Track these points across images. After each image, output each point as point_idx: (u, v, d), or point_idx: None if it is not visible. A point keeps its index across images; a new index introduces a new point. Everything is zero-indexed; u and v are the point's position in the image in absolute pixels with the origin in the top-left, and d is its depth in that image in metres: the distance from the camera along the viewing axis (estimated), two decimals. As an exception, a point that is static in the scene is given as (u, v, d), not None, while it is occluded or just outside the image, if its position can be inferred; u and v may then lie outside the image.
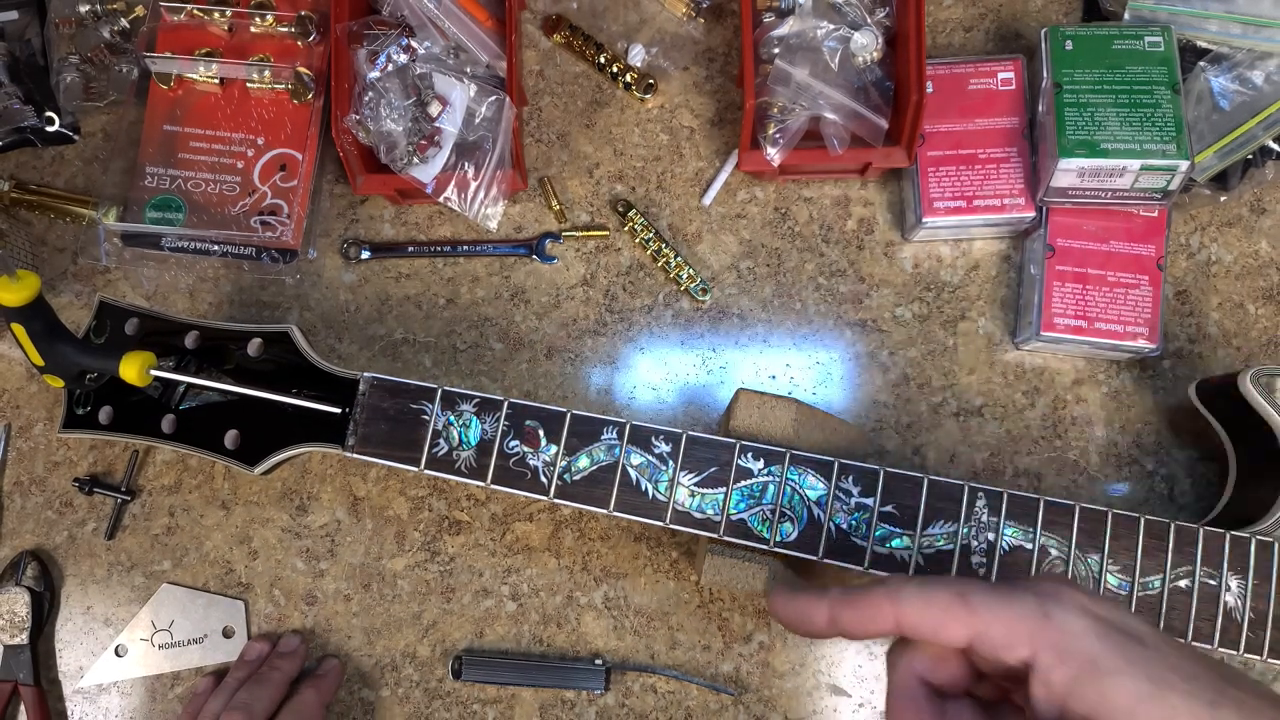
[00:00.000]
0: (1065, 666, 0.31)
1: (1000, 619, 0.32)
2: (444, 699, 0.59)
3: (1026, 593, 0.33)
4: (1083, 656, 0.31)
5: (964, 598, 0.33)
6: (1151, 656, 0.31)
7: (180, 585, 0.61)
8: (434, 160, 0.60)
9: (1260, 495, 0.50)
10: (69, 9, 0.65)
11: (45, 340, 0.49)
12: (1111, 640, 0.31)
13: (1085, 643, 0.31)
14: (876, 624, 0.35)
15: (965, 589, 0.33)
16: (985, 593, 0.33)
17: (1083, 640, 0.31)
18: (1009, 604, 0.32)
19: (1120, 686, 0.30)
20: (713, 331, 0.61)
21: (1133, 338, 0.56)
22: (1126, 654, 0.31)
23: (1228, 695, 0.31)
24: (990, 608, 0.32)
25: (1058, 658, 0.31)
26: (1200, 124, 0.57)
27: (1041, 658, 0.31)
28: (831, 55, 0.57)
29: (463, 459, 0.50)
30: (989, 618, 0.32)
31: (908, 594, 0.34)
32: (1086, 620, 0.32)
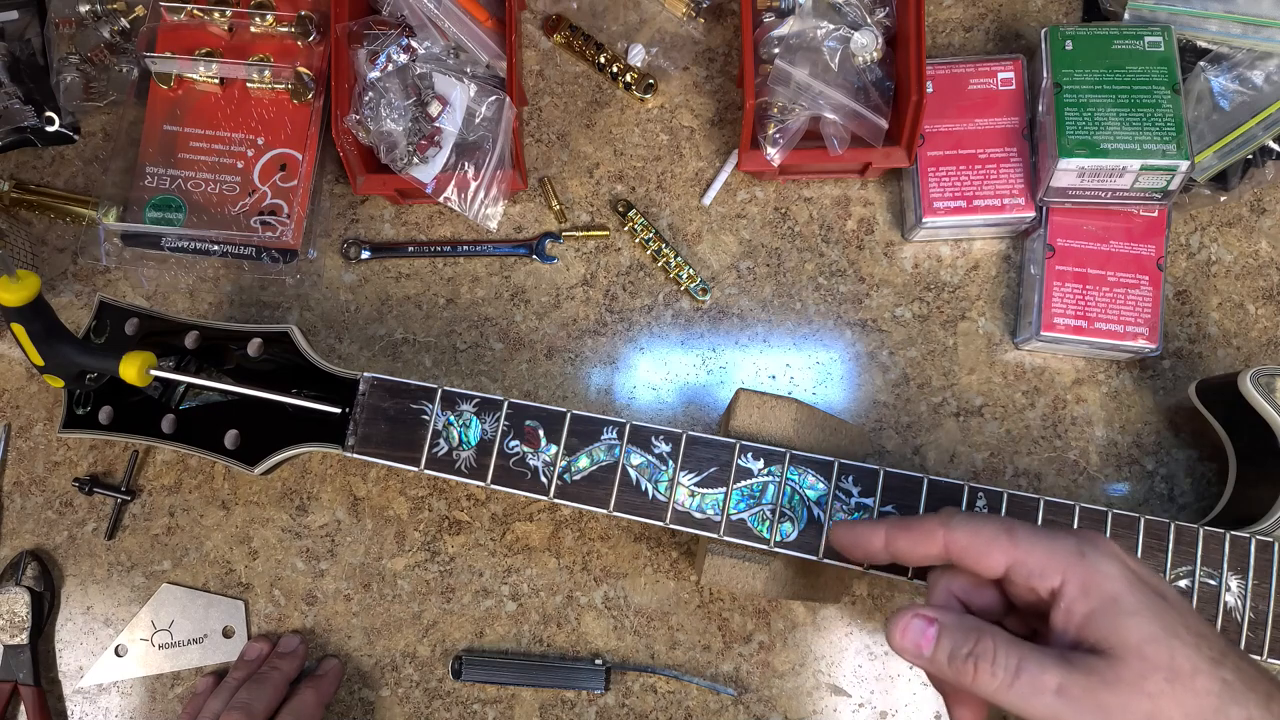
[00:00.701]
0: (1088, 599, 0.34)
1: (1039, 551, 0.35)
2: (444, 699, 0.59)
3: (1068, 535, 0.36)
4: (1107, 595, 0.34)
5: (1010, 531, 0.36)
6: (1170, 610, 0.34)
7: (180, 585, 0.61)
8: (434, 160, 0.60)
9: (1260, 495, 0.50)
10: (69, 9, 0.65)
11: (45, 340, 0.49)
12: (1137, 588, 0.34)
13: (1111, 584, 0.34)
14: (927, 547, 0.38)
15: (1012, 524, 0.36)
16: (1030, 529, 0.36)
17: (1110, 582, 0.34)
18: (1050, 541, 0.35)
19: (1134, 625, 0.33)
20: (713, 331, 0.61)
21: (1133, 338, 0.56)
22: (1147, 602, 0.34)
23: (1231, 659, 0.33)
24: (1032, 541, 0.35)
25: (1083, 591, 0.34)
26: (1200, 124, 0.57)
27: (1069, 588, 0.35)
28: (831, 55, 0.57)
29: (463, 459, 0.50)
30: (1029, 549, 0.35)
31: (958, 522, 0.37)
32: (1118, 567, 0.35)
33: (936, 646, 0.36)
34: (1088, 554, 0.35)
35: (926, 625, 0.36)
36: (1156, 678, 0.33)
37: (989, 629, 0.36)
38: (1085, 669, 0.33)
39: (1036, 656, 0.34)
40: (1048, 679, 0.33)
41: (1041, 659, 0.34)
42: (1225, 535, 0.48)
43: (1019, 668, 0.34)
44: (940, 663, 0.36)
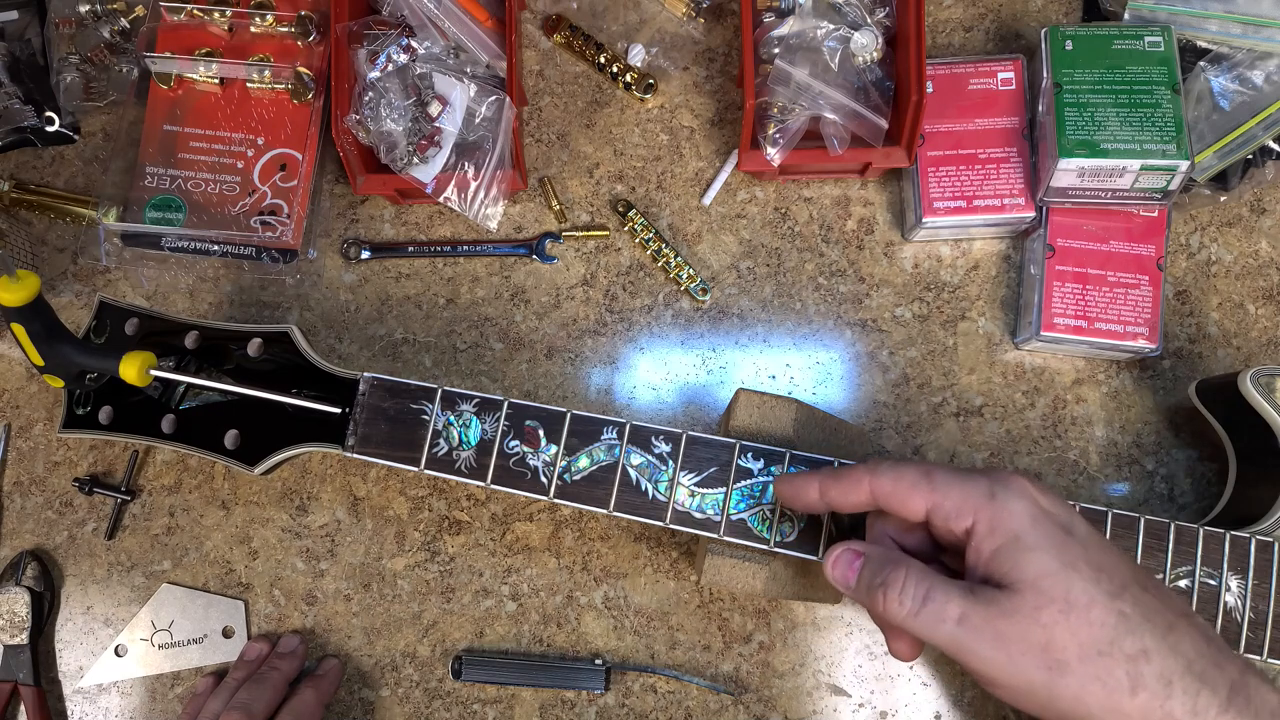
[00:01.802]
0: (994, 537, 0.36)
1: (954, 494, 0.37)
2: (444, 699, 0.59)
3: (982, 477, 0.38)
4: (1010, 531, 0.36)
5: (929, 476, 0.38)
6: (1071, 544, 0.36)
7: (180, 585, 0.61)
8: (434, 160, 0.60)
9: (1260, 495, 0.50)
10: (69, 9, 0.65)
11: (45, 340, 0.49)
12: (1040, 524, 0.36)
13: (1016, 521, 0.36)
14: (856, 495, 0.40)
15: (931, 469, 0.39)
16: (948, 473, 0.38)
17: (1015, 519, 0.36)
18: (964, 484, 0.38)
19: (1033, 560, 0.35)
20: (713, 331, 0.61)
21: (1133, 338, 0.56)
22: (1049, 537, 0.36)
23: (1131, 592, 0.35)
24: (948, 484, 0.38)
25: (990, 529, 0.36)
26: (1200, 124, 0.57)
27: (979, 527, 0.37)
28: (831, 55, 0.57)
29: (463, 459, 0.50)
30: (945, 492, 0.38)
31: (883, 470, 0.39)
32: (1025, 503, 0.37)
33: (859, 576, 0.40)
34: (998, 494, 0.37)
35: (854, 558, 0.40)
36: (1051, 609, 0.35)
37: (906, 562, 0.38)
38: (986, 600, 0.36)
39: (943, 587, 0.37)
40: (950, 609, 0.36)
41: (947, 590, 0.36)
42: (1225, 535, 0.48)
43: (926, 597, 0.37)
44: (860, 591, 0.39)
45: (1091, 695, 0.34)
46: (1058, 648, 0.34)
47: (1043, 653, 0.35)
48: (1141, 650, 0.34)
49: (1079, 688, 0.34)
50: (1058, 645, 0.34)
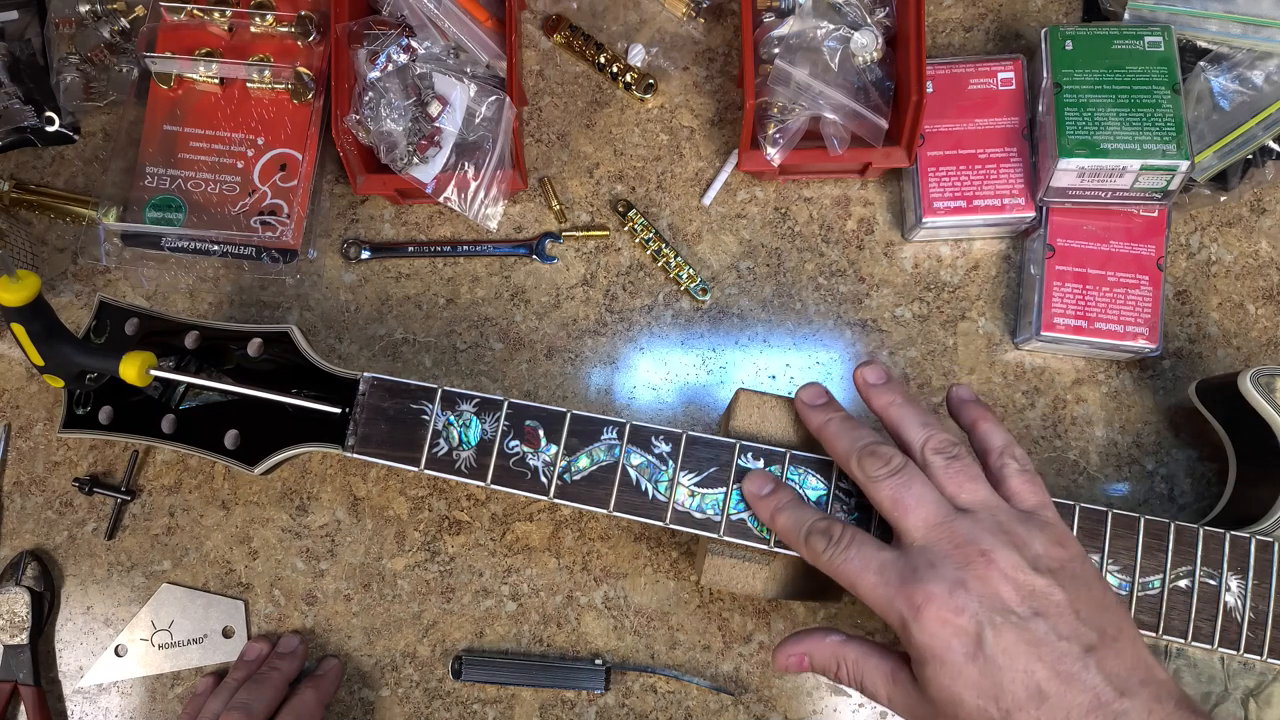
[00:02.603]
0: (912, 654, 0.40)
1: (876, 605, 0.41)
2: (444, 699, 0.59)
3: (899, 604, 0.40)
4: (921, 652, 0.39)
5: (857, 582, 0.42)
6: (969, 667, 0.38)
7: (180, 585, 0.61)
8: (434, 160, 0.60)
9: (1260, 495, 0.50)
10: (69, 9, 0.65)
11: (45, 340, 0.49)
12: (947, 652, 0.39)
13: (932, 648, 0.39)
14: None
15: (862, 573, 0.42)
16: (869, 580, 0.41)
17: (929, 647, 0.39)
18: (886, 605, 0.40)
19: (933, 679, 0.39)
20: (713, 331, 0.61)
21: (1133, 338, 0.56)
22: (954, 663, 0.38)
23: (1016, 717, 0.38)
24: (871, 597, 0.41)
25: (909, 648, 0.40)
26: (1200, 124, 0.57)
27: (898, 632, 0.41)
28: (831, 55, 0.57)
29: (463, 459, 0.50)
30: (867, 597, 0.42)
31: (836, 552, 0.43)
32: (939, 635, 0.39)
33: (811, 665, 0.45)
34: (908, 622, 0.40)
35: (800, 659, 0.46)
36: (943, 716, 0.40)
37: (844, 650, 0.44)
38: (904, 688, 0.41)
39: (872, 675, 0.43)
40: (880, 691, 0.42)
41: (876, 677, 0.43)
42: (1225, 535, 0.48)
43: (862, 681, 0.43)
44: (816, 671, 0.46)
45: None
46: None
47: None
48: None
49: None
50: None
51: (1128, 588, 0.47)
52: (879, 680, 0.42)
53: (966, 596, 0.38)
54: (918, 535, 0.41)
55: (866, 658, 0.43)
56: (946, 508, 0.41)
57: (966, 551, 0.39)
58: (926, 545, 0.40)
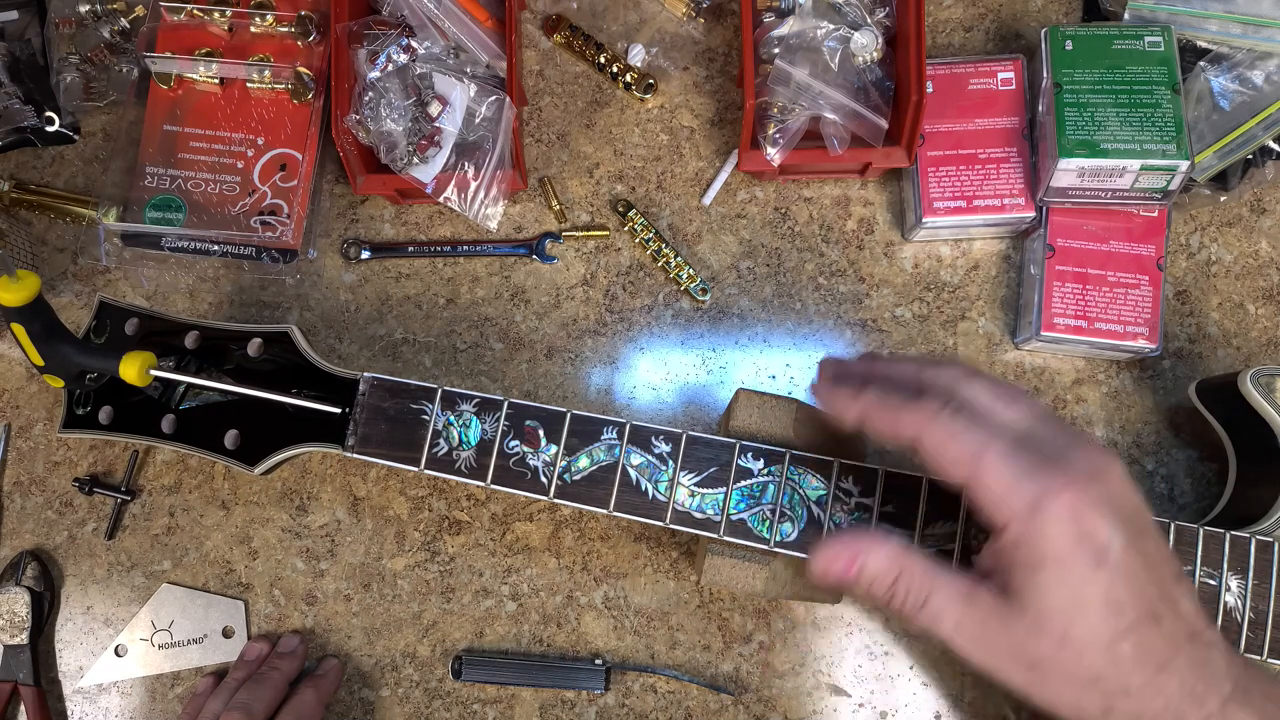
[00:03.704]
0: (1018, 551, 0.35)
1: (996, 489, 0.36)
2: (444, 699, 0.59)
3: (1033, 483, 0.35)
4: (1037, 555, 0.35)
5: (980, 457, 0.36)
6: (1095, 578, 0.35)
7: (180, 585, 0.61)
8: (434, 160, 0.60)
9: (1260, 495, 0.50)
10: (69, 9, 0.65)
11: (45, 340, 0.49)
12: (1070, 556, 0.35)
13: (1047, 547, 0.35)
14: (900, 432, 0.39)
15: (987, 447, 0.36)
16: (1001, 460, 0.36)
17: (1047, 545, 0.35)
18: (1011, 484, 0.35)
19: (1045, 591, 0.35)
20: (713, 331, 0.61)
21: (1133, 338, 0.56)
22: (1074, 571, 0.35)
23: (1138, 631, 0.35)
24: (997, 476, 0.36)
25: (1016, 543, 0.35)
26: (1200, 124, 0.57)
27: (1007, 535, 0.36)
28: (831, 55, 0.57)
29: (463, 459, 0.50)
30: (990, 483, 0.36)
31: (939, 424, 0.37)
32: (1063, 529, 0.35)
33: (861, 573, 0.39)
34: (1041, 510, 0.35)
35: (851, 560, 0.39)
36: (1047, 641, 0.35)
37: (907, 561, 0.38)
38: (984, 611, 0.36)
39: (943, 593, 0.37)
40: (948, 616, 0.37)
41: (948, 595, 0.37)
42: (1225, 535, 0.48)
43: (926, 602, 0.37)
44: (860, 589, 0.39)
45: (1063, 706, 0.36)
46: (1042, 668, 0.36)
47: (1027, 669, 0.36)
48: (1123, 689, 0.35)
49: (1053, 697, 0.36)
50: (1042, 666, 0.36)
51: (1128, 588, 0.47)
52: (950, 600, 0.37)
53: (1101, 490, 0.35)
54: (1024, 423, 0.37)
55: (937, 572, 0.37)
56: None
57: (1085, 447, 0.36)
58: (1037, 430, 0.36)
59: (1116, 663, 0.35)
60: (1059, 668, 0.35)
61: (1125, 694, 0.35)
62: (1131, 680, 0.35)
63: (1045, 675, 0.36)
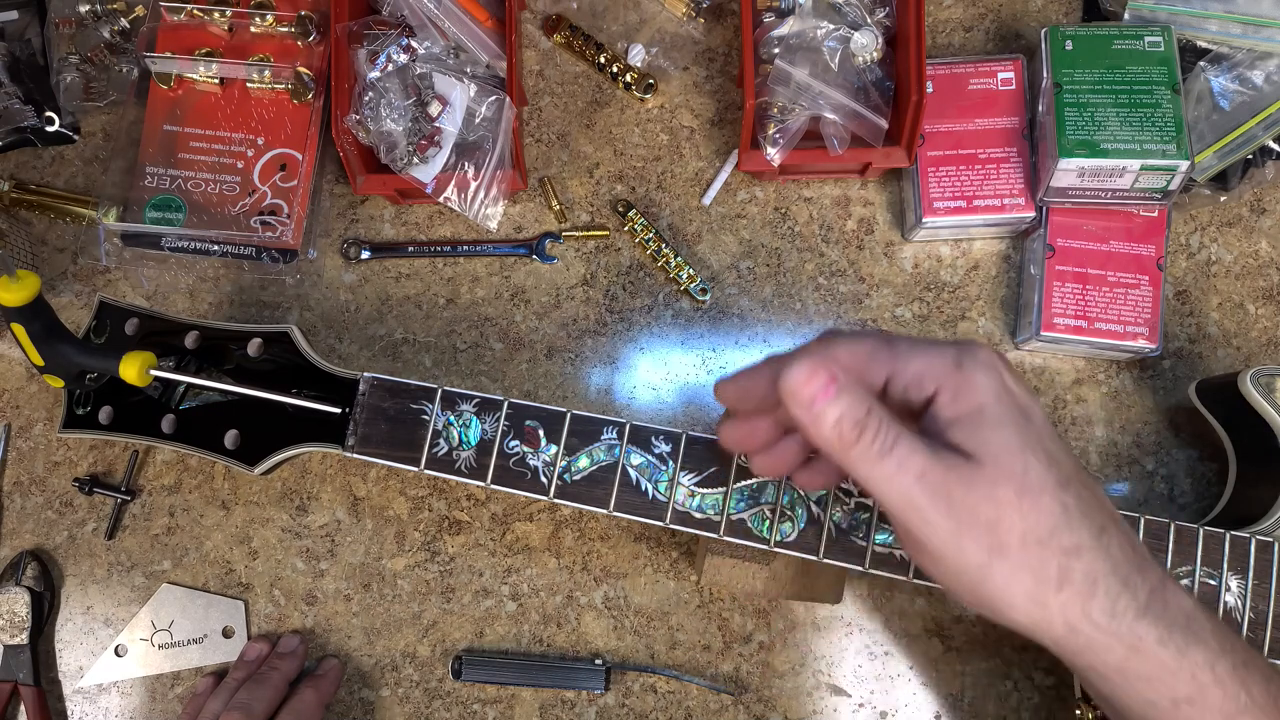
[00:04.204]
0: (957, 406, 0.35)
1: (916, 362, 0.36)
2: (444, 699, 0.59)
3: (949, 346, 0.37)
4: (975, 404, 0.35)
5: (889, 343, 0.37)
6: (1030, 427, 0.35)
7: (180, 585, 0.61)
8: (434, 160, 0.60)
9: (1260, 495, 0.50)
10: (69, 9, 0.65)
11: (45, 340, 0.49)
12: (1004, 401, 0.35)
13: (982, 394, 0.35)
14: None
15: (892, 336, 0.37)
16: (909, 342, 0.37)
17: (981, 392, 0.35)
18: (928, 351, 0.36)
19: (996, 435, 0.35)
20: (713, 331, 0.61)
21: (1133, 338, 0.56)
22: (1012, 415, 0.35)
23: (1074, 486, 0.35)
24: (910, 352, 0.36)
25: (953, 398, 0.36)
26: (1200, 124, 0.57)
27: (941, 397, 0.36)
28: (831, 55, 0.57)
29: (463, 459, 0.50)
30: (907, 359, 0.36)
31: (839, 342, 0.37)
32: (991, 376, 0.36)
33: (831, 403, 0.34)
34: (964, 364, 0.36)
35: (830, 381, 0.34)
36: (1008, 487, 0.34)
37: (877, 405, 0.35)
38: (948, 463, 0.34)
39: (910, 439, 0.35)
40: (914, 461, 0.34)
41: (914, 443, 0.35)
42: (1225, 535, 0.48)
43: (894, 444, 0.34)
44: (826, 420, 0.34)
45: (1020, 584, 0.34)
46: (1004, 529, 0.34)
47: (988, 531, 0.34)
48: (1076, 546, 0.35)
49: (1010, 574, 0.34)
50: (1004, 526, 0.34)
51: (1128, 588, 0.47)
52: (916, 448, 0.34)
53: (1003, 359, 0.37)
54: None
55: (900, 424, 0.35)
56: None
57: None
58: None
59: (1067, 514, 0.34)
60: (1019, 525, 0.34)
61: (1078, 552, 0.34)
62: (1081, 536, 0.35)
63: (1006, 537, 0.34)
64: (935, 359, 0.36)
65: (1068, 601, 0.34)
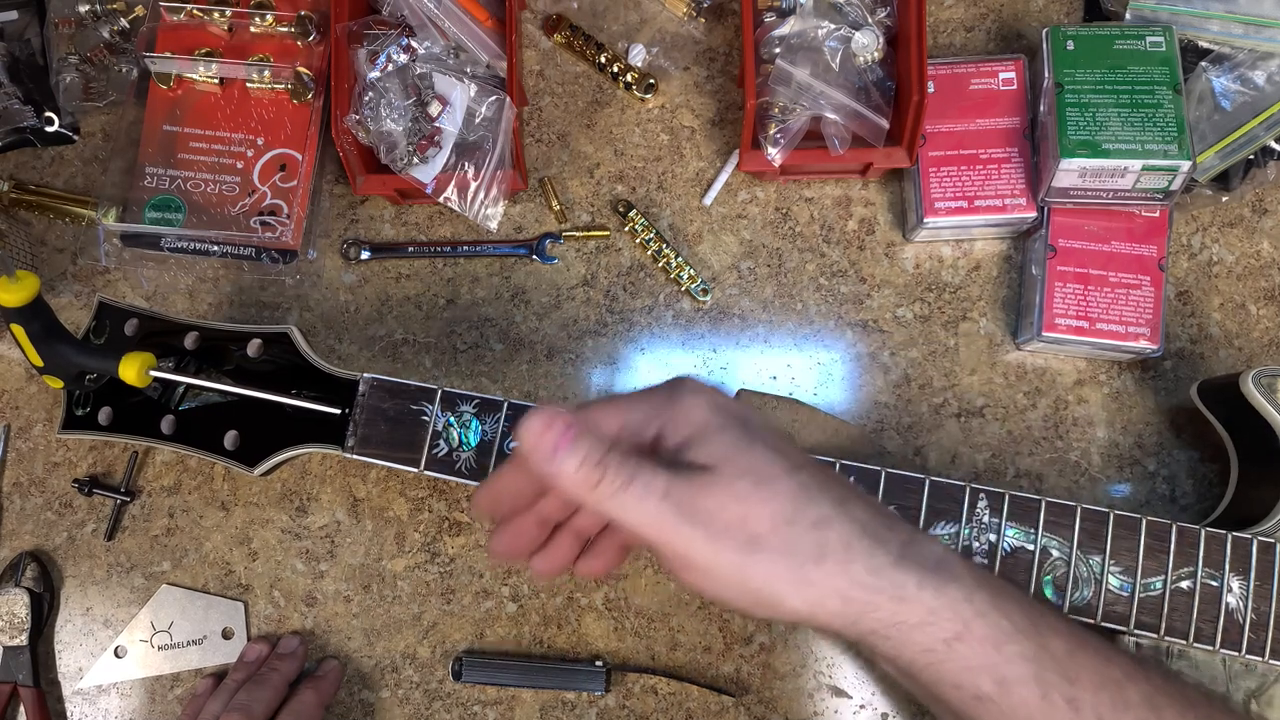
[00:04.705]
0: (680, 430, 0.38)
1: (638, 407, 0.38)
2: (444, 700, 0.59)
3: (660, 387, 0.39)
4: (695, 423, 0.38)
5: (613, 400, 0.39)
6: (750, 428, 0.38)
7: (180, 586, 0.61)
8: (434, 160, 0.59)
9: (1262, 496, 0.50)
10: (69, 9, 0.65)
11: (44, 341, 0.49)
12: (720, 412, 0.38)
13: (697, 413, 0.38)
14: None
15: (615, 395, 0.41)
16: (630, 394, 0.39)
17: (696, 411, 0.38)
18: (645, 396, 0.39)
19: (720, 440, 0.37)
20: (713, 332, 0.61)
21: (1134, 338, 0.56)
22: (730, 422, 0.38)
23: (806, 469, 0.37)
24: (630, 401, 0.39)
25: (675, 426, 0.38)
26: (1202, 124, 0.57)
27: (666, 429, 0.38)
28: (832, 55, 0.57)
29: (463, 460, 0.50)
30: (629, 407, 0.38)
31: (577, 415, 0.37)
32: (702, 399, 0.38)
33: (571, 450, 0.35)
34: (675, 395, 0.38)
35: (566, 427, 0.35)
36: (744, 481, 0.36)
37: (612, 445, 0.36)
38: (687, 477, 0.36)
39: (649, 467, 0.36)
40: (656, 483, 0.35)
41: (653, 469, 0.36)
42: (1227, 536, 0.48)
43: (633, 475, 0.35)
44: (568, 467, 0.35)
45: (782, 569, 0.36)
46: (753, 520, 0.36)
47: (740, 527, 0.35)
48: (822, 517, 0.36)
49: (770, 563, 0.36)
50: (752, 517, 0.36)
51: (1130, 589, 0.47)
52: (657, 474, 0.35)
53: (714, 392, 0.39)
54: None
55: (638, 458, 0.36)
56: None
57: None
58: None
59: (806, 491, 0.36)
60: (764, 512, 0.36)
61: (827, 522, 0.36)
62: (824, 508, 0.36)
63: (756, 527, 0.35)
64: (650, 399, 0.39)
65: (832, 571, 0.36)
